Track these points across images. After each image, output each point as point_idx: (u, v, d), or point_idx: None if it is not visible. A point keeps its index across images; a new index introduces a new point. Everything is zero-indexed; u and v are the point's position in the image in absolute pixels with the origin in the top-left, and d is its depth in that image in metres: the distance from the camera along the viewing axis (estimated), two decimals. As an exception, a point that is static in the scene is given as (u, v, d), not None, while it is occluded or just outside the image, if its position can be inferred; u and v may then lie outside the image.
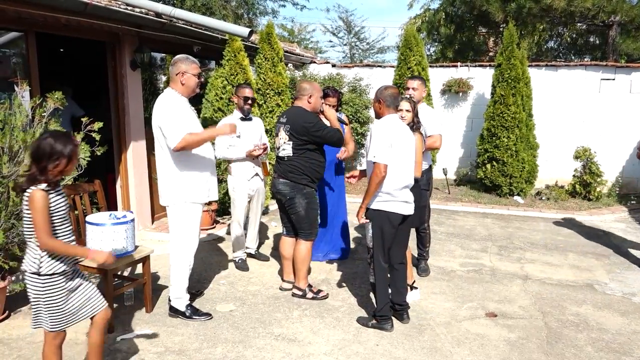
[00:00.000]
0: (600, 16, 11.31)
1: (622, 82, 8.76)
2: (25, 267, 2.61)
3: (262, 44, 7.59)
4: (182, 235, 3.79)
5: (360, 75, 9.79)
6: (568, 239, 6.33)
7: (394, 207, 3.73)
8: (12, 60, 4.99)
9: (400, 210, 3.75)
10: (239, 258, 5.04)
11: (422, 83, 4.86)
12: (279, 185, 4.18)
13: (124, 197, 6.00)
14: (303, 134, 4.04)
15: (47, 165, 2.50)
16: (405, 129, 3.82)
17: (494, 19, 12.33)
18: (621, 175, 8.85)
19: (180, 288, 3.86)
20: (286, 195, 4.16)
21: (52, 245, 2.52)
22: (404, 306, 3.91)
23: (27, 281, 2.62)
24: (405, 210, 3.79)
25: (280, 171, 4.18)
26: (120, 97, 5.80)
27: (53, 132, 2.63)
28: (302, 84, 4.24)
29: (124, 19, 5.21)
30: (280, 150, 4.16)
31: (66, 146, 2.53)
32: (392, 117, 3.79)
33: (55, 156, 2.51)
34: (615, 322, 3.99)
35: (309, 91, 4.15)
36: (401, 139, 3.71)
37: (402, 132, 3.75)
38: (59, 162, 2.52)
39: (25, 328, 3.69)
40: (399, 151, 3.68)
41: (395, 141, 3.67)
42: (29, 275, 2.60)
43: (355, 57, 23.78)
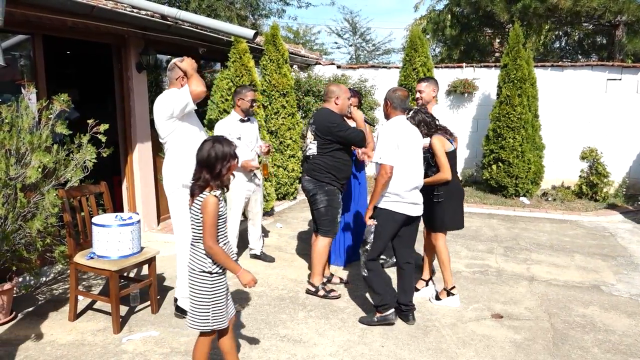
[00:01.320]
0: (607, 16, 11.25)
1: (629, 82, 8.71)
2: (195, 266, 2.70)
3: (268, 45, 7.61)
4: (185, 227, 3.75)
5: (365, 77, 9.79)
6: (574, 239, 6.29)
7: (401, 207, 3.74)
8: (19, 63, 5.02)
9: (407, 211, 3.75)
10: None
11: (429, 84, 4.75)
12: (304, 183, 4.41)
13: (129, 198, 6.03)
14: (327, 134, 4.21)
15: (221, 168, 2.63)
16: (413, 130, 3.83)
17: (500, 20, 12.31)
18: (628, 176, 8.80)
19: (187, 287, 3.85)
20: (309, 192, 4.36)
21: (215, 251, 2.63)
22: (409, 307, 3.90)
23: (196, 280, 2.69)
24: (412, 212, 3.79)
25: (306, 169, 4.41)
26: (126, 99, 5.83)
27: (212, 137, 2.74)
28: (330, 86, 4.43)
29: (130, 22, 5.24)
30: (307, 150, 4.37)
31: (230, 146, 2.67)
32: (400, 119, 3.81)
33: (227, 158, 2.64)
34: (622, 324, 3.97)
35: (336, 93, 4.33)
36: (408, 141, 3.72)
37: (409, 134, 3.76)
38: (230, 163, 2.66)
39: (32, 329, 3.72)
40: (405, 152, 3.69)
41: (402, 142, 3.68)
42: (199, 273, 2.69)
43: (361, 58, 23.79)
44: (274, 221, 6.93)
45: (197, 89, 3.57)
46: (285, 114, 7.73)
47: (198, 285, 2.70)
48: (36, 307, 4.10)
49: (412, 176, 3.73)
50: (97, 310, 4.05)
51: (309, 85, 8.85)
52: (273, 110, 7.66)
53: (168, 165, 3.76)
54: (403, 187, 3.70)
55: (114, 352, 3.41)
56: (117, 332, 3.65)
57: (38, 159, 3.70)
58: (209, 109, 6.74)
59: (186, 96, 3.55)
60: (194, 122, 3.82)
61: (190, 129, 3.74)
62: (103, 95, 7.21)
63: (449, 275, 4.26)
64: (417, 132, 3.84)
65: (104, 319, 3.88)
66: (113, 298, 3.66)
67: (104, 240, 3.65)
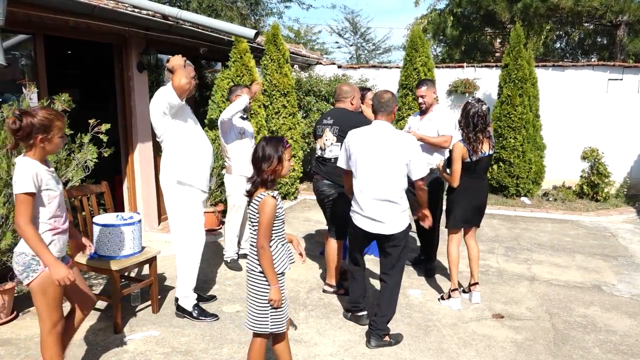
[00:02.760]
0: (608, 16, 11.24)
1: (630, 82, 8.70)
2: (253, 266, 2.71)
3: (268, 45, 7.61)
4: (182, 225, 3.77)
5: (366, 76, 9.78)
6: (575, 240, 6.29)
7: (357, 219, 3.53)
8: (21, 62, 5.03)
9: (363, 225, 3.48)
10: (231, 258, 5.09)
11: (429, 88, 4.77)
12: (323, 187, 4.28)
13: (130, 198, 6.03)
14: None
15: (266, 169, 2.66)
16: (381, 138, 3.43)
17: (501, 19, 12.29)
18: (629, 176, 8.78)
19: (187, 286, 3.86)
20: (329, 196, 4.26)
21: (264, 253, 2.62)
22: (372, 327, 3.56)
23: (254, 280, 2.70)
24: (369, 228, 3.46)
25: (324, 172, 4.26)
26: (127, 99, 5.83)
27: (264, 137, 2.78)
28: (343, 87, 4.35)
29: (132, 22, 5.24)
30: (327, 152, 4.23)
31: (277, 148, 2.68)
32: (375, 123, 3.52)
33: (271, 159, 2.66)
34: (623, 324, 3.96)
35: (351, 93, 4.28)
36: (362, 149, 3.44)
37: (367, 142, 3.44)
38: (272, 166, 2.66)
39: (33, 328, 3.72)
40: (357, 161, 3.46)
41: (355, 150, 3.47)
42: (257, 274, 2.68)
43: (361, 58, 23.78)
44: (274, 221, 6.92)
45: (180, 82, 3.50)
46: (286, 114, 7.73)
47: (256, 286, 2.69)
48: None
49: (368, 187, 3.43)
50: (99, 309, 4.05)
51: (309, 85, 8.85)
52: (274, 110, 7.66)
53: (164, 163, 3.77)
54: (359, 197, 3.47)
55: (115, 351, 3.41)
56: (118, 331, 3.65)
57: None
58: (210, 109, 6.75)
59: (169, 92, 3.52)
60: (189, 119, 3.81)
61: (184, 126, 3.73)
62: (104, 95, 7.21)
63: (452, 277, 4.26)
64: (389, 140, 3.41)
65: (105, 318, 3.89)
66: (114, 298, 3.66)
67: (105, 240, 3.65)
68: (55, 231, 2.63)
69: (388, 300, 3.53)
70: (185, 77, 3.53)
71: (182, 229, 3.80)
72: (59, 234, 2.66)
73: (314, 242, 6.04)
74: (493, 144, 4.19)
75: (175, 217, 3.80)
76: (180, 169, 3.71)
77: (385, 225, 3.41)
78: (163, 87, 3.69)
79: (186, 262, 3.84)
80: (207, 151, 3.86)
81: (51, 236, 2.61)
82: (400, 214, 3.45)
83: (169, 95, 3.53)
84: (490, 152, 4.14)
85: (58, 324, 2.67)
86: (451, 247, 4.28)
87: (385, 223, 3.41)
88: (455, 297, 4.21)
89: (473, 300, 4.24)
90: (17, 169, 2.50)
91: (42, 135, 2.51)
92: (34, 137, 2.50)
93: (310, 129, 8.68)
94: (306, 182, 9.50)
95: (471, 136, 4.02)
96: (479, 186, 4.21)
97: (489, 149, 4.12)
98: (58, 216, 2.64)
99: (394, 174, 3.38)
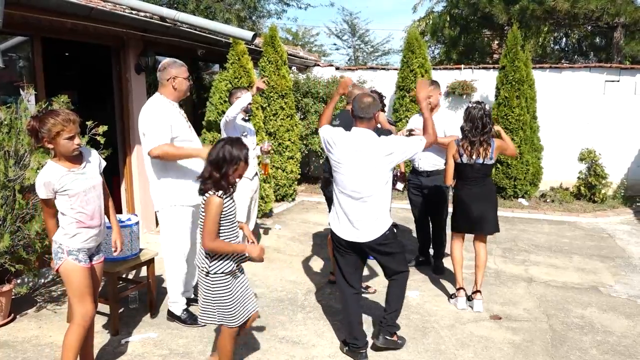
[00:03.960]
0: (604, 18, 11.28)
1: (627, 83, 8.73)
2: (199, 264, 2.82)
3: (266, 47, 7.62)
4: (171, 239, 3.77)
5: (364, 78, 9.79)
6: (573, 241, 6.30)
7: (334, 225, 3.38)
8: (19, 64, 5.03)
9: (340, 232, 3.33)
10: None
11: (436, 88, 4.79)
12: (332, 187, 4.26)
13: (128, 200, 6.03)
14: None
15: (228, 170, 2.69)
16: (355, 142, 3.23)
17: (498, 21, 12.33)
18: (626, 177, 8.81)
19: (175, 292, 3.83)
20: None
21: (213, 247, 2.70)
22: (382, 324, 3.45)
23: (203, 278, 2.82)
24: (346, 235, 3.29)
25: None
26: (125, 101, 5.83)
27: (226, 138, 2.81)
28: (353, 89, 4.34)
29: (129, 23, 5.24)
30: None
31: (241, 150, 2.72)
32: (354, 130, 3.31)
33: (235, 161, 2.69)
34: (620, 325, 3.97)
35: None
36: (342, 152, 3.27)
37: (347, 145, 3.26)
38: (237, 166, 2.71)
39: (31, 330, 3.71)
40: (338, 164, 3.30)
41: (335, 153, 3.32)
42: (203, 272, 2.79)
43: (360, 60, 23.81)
44: (272, 223, 6.93)
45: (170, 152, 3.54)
46: (284, 116, 7.74)
47: (203, 283, 2.81)
48: (35, 309, 4.09)
49: (349, 187, 3.25)
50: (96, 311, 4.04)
51: (307, 87, 8.86)
52: (271, 111, 7.67)
53: (154, 185, 3.71)
54: (337, 200, 3.35)
55: (112, 353, 3.41)
56: (115, 333, 3.65)
57: (37, 161, 3.70)
58: (208, 111, 6.75)
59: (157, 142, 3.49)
60: (184, 136, 3.67)
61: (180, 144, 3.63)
62: (102, 97, 7.20)
63: (456, 277, 4.28)
64: (363, 145, 3.22)
65: (102, 320, 3.88)
66: (112, 300, 3.66)
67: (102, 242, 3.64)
68: (81, 225, 2.82)
69: (397, 297, 3.46)
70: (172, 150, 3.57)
71: (171, 240, 3.79)
72: (86, 227, 2.84)
73: (311, 244, 6.04)
74: (491, 155, 4.05)
75: (167, 232, 3.78)
76: (174, 193, 3.67)
77: (362, 233, 3.26)
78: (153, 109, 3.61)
79: (172, 267, 3.81)
80: (199, 161, 3.76)
81: (76, 229, 2.82)
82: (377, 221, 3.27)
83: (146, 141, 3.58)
84: (486, 162, 4.03)
85: (86, 316, 2.83)
86: (453, 248, 4.29)
87: (362, 231, 3.26)
88: (460, 296, 4.22)
89: (475, 308, 4.16)
90: (38, 174, 2.76)
91: (48, 138, 2.68)
92: (42, 140, 2.69)
93: (308, 131, 8.69)
94: (304, 184, 9.50)
95: (473, 139, 4.00)
96: (476, 194, 4.10)
97: (486, 159, 4.02)
98: (84, 212, 2.82)
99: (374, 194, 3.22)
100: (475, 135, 4.01)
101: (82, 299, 2.82)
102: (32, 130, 2.67)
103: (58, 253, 2.82)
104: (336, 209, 3.38)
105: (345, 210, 3.30)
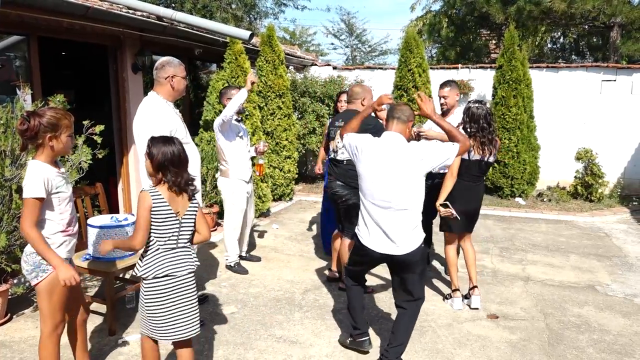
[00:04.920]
0: (601, 18, 11.31)
1: (624, 83, 8.76)
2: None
3: (263, 46, 7.62)
4: None
5: (361, 78, 9.80)
6: (570, 240, 6.32)
7: (365, 238, 3.15)
8: (15, 64, 5.02)
9: (371, 244, 3.11)
10: (235, 262, 5.03)
11: (452, 89, 4.68)
12: (336, 188, 4.25)
13: (125, 199, 6.02)
14: None
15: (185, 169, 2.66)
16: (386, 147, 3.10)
17: (495, 21, 12.36)
18: (623, 177, 8.84)
19: None
20: (342, 197, 4.23)
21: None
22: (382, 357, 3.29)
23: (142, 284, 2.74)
24: (380, 247, 3.08)
25: (337, 174, 4.25)
26: (122, 100, 5.82)
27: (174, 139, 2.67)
28: (355, 88, 4.33)
29: (126, 23, 5.23)
30: (339, 154, 4.22)
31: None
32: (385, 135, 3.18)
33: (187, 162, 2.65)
34: (617, 324, 3.99)
35: (361, 95, 4.22)
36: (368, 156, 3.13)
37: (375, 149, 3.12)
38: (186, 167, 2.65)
39: (27, 331, 3.71)
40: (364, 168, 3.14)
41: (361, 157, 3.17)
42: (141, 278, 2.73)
43: (357, 59, 23.83)
44: (270, 222, 6.93)
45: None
46: (281, 115, 7.74)
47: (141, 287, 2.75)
48: (31, 309, 4.08)
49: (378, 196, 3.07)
50: (93, 311, 4.03)
51: (305, 87, 8.86)
52: (269, 111, 7.67)
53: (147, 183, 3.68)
54: (365, 211, 3.15)
55: (109, 353, 3.40)
56: (112, 333, 3.64)
57: (33, 160, 3.69)
58: (205, 110, 6.74)
59: None
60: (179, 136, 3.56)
61: None
62: (99, 97, 7.19)
63: (451, 278, 4.29)
64: (395, 150, 3.06)
65: (99, 320, 3.87)
66: (109, 300, 3.65)
67: (99, 242, 3.64)
68: (66, 233, 2.66)
69: (407, 329, 3.23)
70: None
71: None
72: (70, 235, 2.69)
73: (309, 243, 6.04)
74: (495, 152, 4.04)
75: None
76: None
77: (398, 247, 3.05)
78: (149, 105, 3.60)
79: None
80: (194, 162, 3.75)
81: (62, 237, 2.64)
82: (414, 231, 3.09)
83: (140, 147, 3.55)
84: (487, 159, 4.03)
85: (59, 325, 2.69)
86: (447, 248, 4.30)
87: (397, 244, 3.04)
88: (456, 297, 4.22)
89: (473, 305, 4.15)
90: (28, 172, 2.52)
91: (51, 134, 2.52)
92: (42, 136, 2.52)
93: (305, 130, 8.69)
94: (302, 184, 9.50)
95: (483, 140, 3.98)
96: (474, 192, 4.11)
97: (488, 155, 4.00)
98: (69, 218, 2.67)
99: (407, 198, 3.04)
100: (485, 136, 3.99)
101: (60, 310, 2.66)
102: (34, 127, 2.46)
103: (42, 265, 2.55)
104: (365, 220, 3.15)
105: (376, 221, 3.07)
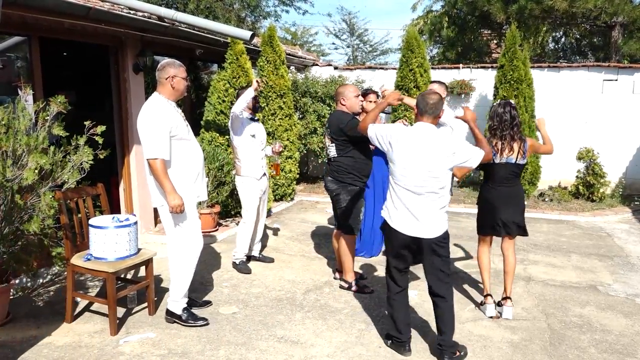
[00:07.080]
0: (603, 17, 11.29)
1: (625, 82, 8.74)
2: None
3: (265, 46, 7.62)
4: (178, 236, 3.73)
5: (363, 78, 9.80)
6: (571, 240, 6.31)
7: (394, 219, 3.27)
8: (16, 64, 5.02)
9: (400, 226, 3.24)
10: (240, 260, 5.04)
11: (440, 86, 4.75)
12: (327, 183, 4.50)
13: (127, 200, 6.02)
14: (340, 135, 4.28)
15: None
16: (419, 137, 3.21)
17: (496, 20, 12.34)
18: (624, 176, 8.82)
19: (180, 292, 3.79)
20: (332, 192, 4.44)
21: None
22: (442, 347, 3.35)
23: None
24: (408, 229, 3.21)
25: (329, 170, 4.49)
26: (123, 101, 5.83)
27: None
28: (337, 89, 4.53)
29: (127, 23, 5.24)
30: (329, 152, 4.47)
31: None
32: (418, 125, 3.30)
33: None
34: (618, 324, 3.98)
35: (341, 94, 4.43)
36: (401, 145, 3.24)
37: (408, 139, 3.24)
38: None
39: (29, 331, 3.71)
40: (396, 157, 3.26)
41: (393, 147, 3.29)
42: None
43: (358, 59, 23.82)
44: (271, 222, 6.93)
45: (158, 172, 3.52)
46: (283, 115, 7.74)
47: None
48: (33, 309, 4.09)
49: (411, 183, 3.20)
50: (94, 312, 4.05)
51: (306, 87, 8.86)
52: (270, 111, 7.67)
53: (153, 181, 3.66)
54: (394, 194, 3.28)
55: (111, 354, 3.41)
56: (114, 334, 3.65)
57: (35, 161, 3.69)
58: (206, 110, 6.75)
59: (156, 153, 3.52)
60: (182, 135, 3.68)
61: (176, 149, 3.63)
62: (100, 97, 7.20)
63: (483, 283, 4.23)
64: (429, 140, 3.19)
65: (101, 320, 3.88)
66: (110, 300, 3.65)
67: (100, 242, 3.65)
68: None
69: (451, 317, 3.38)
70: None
71: (178, 235, 3.74)
72: None
73: (310, 244, 6.04)
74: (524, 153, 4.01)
75: (171, 229, 3.73)
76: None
77: (424, 227, 3.20)
78: (152, 105, 3.63)
79: (181, 268, 3.75)
80: (197, 158, 3.78)
81: None
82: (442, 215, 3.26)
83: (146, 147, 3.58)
84: (519, 161, 3.99)
85: None
86: (480, 253, 4.28)
87: (422, 222, 3.19)
88: (488, 302, 4.11)
89: (504, 315, 4.05)
90: None
91: None
92: None
93: (306, 130, 8.71)
94: (303, 184, 9.50)
95: (504, 133, 3.96)
96: (506, 195, 4.04)
97: (519, 157, 3.97)
98: None
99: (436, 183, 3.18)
100: (505, 129, 3.95)
101: None
102: None
103: None
104: (395, 204, 3.27)
105: (407, 205, 3.21)
